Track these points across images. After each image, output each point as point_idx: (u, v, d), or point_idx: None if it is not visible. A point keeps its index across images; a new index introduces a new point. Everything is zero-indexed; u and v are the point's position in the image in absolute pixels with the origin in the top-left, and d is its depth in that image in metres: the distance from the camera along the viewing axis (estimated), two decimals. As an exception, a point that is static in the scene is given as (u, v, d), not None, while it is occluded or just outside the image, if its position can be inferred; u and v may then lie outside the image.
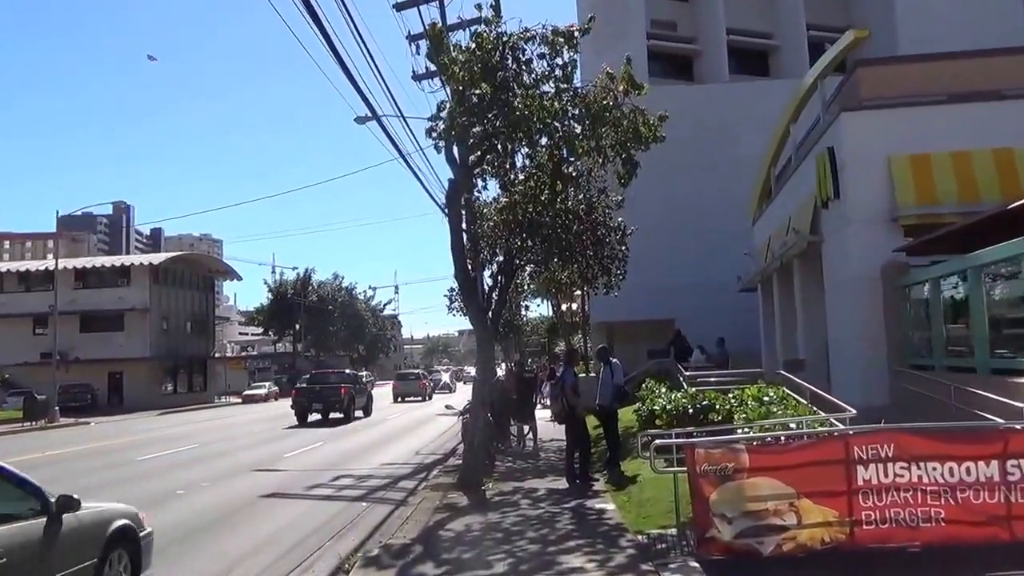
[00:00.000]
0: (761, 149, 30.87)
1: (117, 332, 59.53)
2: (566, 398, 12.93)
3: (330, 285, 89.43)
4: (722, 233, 34.91)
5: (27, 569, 6.02)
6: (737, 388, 13.56)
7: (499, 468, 15.88)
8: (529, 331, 65.56)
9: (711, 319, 31.53)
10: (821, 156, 15.98)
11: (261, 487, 15.10)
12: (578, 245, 20.05)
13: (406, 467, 17.97)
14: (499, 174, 15.67)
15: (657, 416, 13.54)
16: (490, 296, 21.01)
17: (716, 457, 7.67)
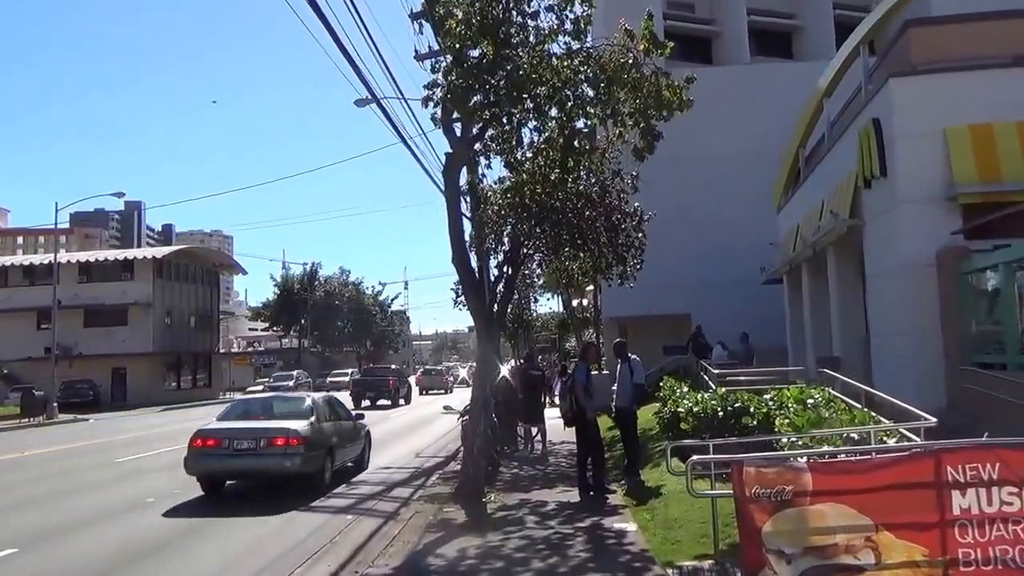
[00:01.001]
0: (785, 133, 29.32)
1: (120, 327, 58.34)
2: (576, 398, 11.35)
3: (337, 280, 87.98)
4: (743, 222, 33.20)
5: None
6: (773, 389, 11.90)
7: (503, 475, 14.33)
8: (539, 327, 63.97)
9: (730, 314, 29.85)
10: (865, 130, 14.33)
11: (237, 497, 13.58)
12: (591, 232, 18.45)
13: (403, 471, 16.41)
14: (503, 151, 14.07)
15: (682, 419, 11.94)
16: (495, 287, 19.48)
17: (771, 477, 6.08)
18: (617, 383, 12.14)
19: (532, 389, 17.53)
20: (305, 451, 13.01)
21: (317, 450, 13.50)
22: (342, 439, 14.87)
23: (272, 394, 24.30)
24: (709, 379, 15.72)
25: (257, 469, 13.23)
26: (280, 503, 12.22)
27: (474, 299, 12.27)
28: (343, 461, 15.07)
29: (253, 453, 13.01)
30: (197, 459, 13.27)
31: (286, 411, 14.48)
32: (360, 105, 24.03)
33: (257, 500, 12.88)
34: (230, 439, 13.29)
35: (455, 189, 12.48)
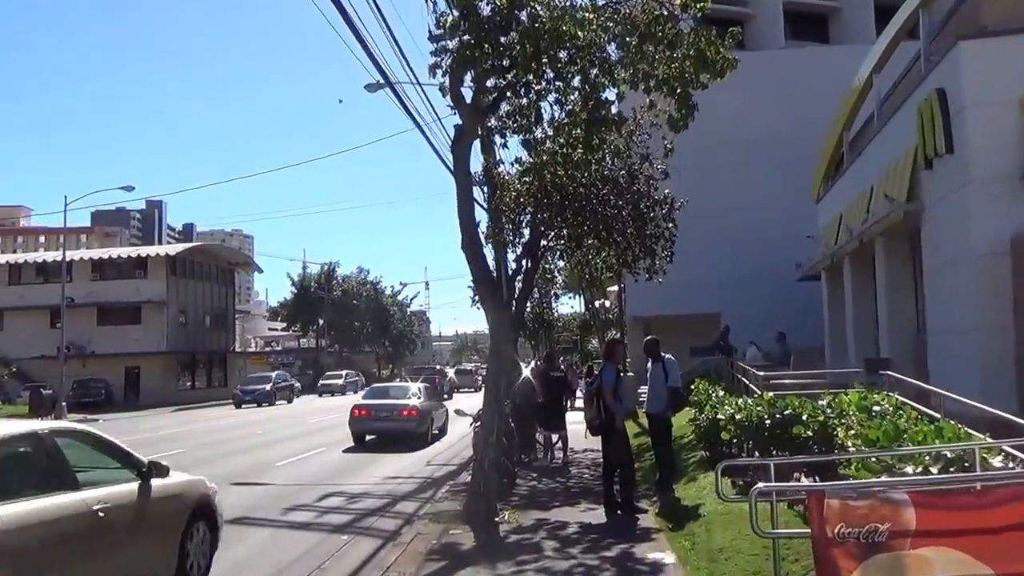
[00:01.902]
0: (821, 121, 27.67)
1: (134, 325, 57.42)
2: (604, 403, 9.85)
3: (355, 279, 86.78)
4: (776, 216, 31.65)
5: None
6: (828, 394, 10.32)
7: (520, 487, 12.87)
8: (560, 327, 62.44)
9: (762, 313, 28.29)
10: (927, 102, 12.76)
11: (228, 509, 12.19)
12: (616, 222, 16.96)
13: (411, 482, 14.99)
14: (521, 128, 12.63)
15: (723, 428, 10.42)
16: (512, 282, 18.03)
17: (861, 513, 4.61)
18: (648, 386, 10.66)
19: (553, 392, 15.99)
20: (419, 418, 21.47)
21: (425, 418, 21.76)
22: (436, 412, 23.16)
23: (393, 384, 32.98)
24: (749, 382, 14.17)
25: (392, 429, 21.26)
26: (401, 447, 19.86)
27: (487, 289, 10.79)
28: (436, 426, 22.81)
29: (389, 419, 21.43)
30: (355, 423, 21.59)
31: (404, 393, 23.20)
32: (371, 90, 22.79)
33: (387, 447, 20.10)
34: (375, 410, 21.92)
35: (465, 166, 11.03)
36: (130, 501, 6.78)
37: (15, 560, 5.26)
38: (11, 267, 60.27)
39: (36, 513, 5.57)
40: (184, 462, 18.49)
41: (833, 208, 21.28)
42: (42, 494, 5.77)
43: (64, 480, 6.10)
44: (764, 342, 23.38)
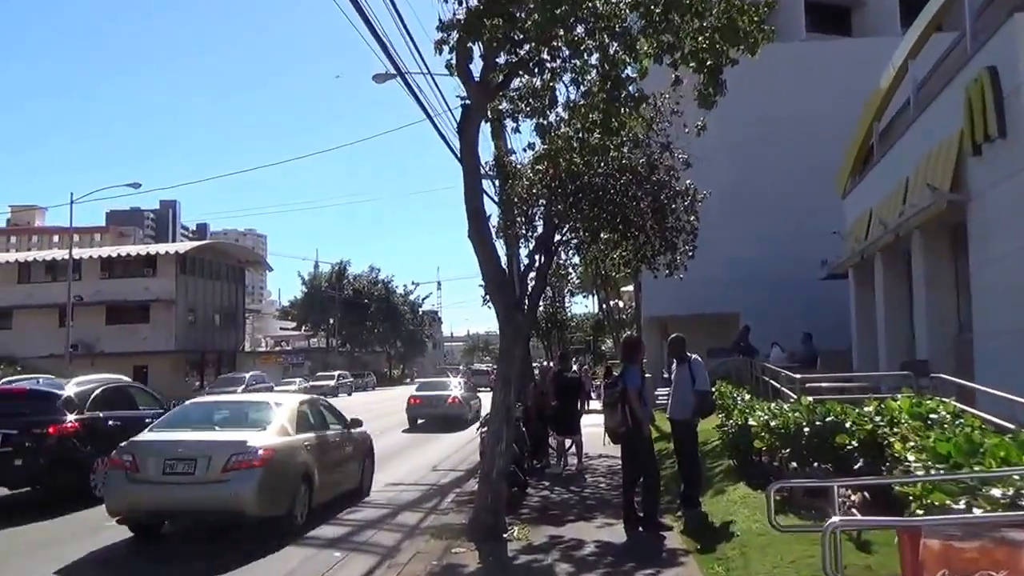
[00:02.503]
0: (843, 115, 26.57)
1: (142, 324, 56.88)
2: (630, 408, 8.86)
3: (366, 278, 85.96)
4: (798, 213, 30.63)
5: None
6: (872, 399, 9.30)
7: (531, 497, 11.90)
8: (574, 327, 61.39)
9: (782, 313, 27.33)
10: (977, 81, 11.72)
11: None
12: (635, 214, 15.98)
13: (415, 489, 14.05)
14: (534, 111, 11.68)
15: (755, 436, 9.42)
16: (524, 278, 17.09)
17: (969, 557, 3.62)
18: (672, 389, 9.67)
19: (567, 395, 15.01)
20: (461, 405, 27.73)
21: (465, 405, 28.01)
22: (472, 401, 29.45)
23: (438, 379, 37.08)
24: (780, 385, 13.14)
25: (440, 414, 26.90)
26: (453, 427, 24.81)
27: (496, 284, 9.82)
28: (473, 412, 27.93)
29: (439, 406, 27.35)
30: (411, 409, 27.56)
31: (448, 386, 30.01)
32: (379, 81, 21.92)
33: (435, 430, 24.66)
34: (426, 399, 28.02)
35: (473, 148, 10.10)
36: (344, 437, 12.47)
37: (313, 452, 10.79)
38: (20, 265, 59.82)
39: (317, 436, 11.26)
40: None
41: (862, 203, 20.24)
42: (317, 429, 11.50)
43: (323, 423, 12.03)
44: (787, 343, 22.38)
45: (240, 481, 9.29)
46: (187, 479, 9.41)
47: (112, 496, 9.88)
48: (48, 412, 12.50)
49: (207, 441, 9.81)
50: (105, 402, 13.51)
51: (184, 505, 9.57)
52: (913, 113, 15.98)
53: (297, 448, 10.39)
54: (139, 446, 9.90)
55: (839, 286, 24.82)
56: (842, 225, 22.96)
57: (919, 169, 14.60)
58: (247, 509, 9.37)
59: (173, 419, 11.16)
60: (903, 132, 16.77)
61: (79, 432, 12.46)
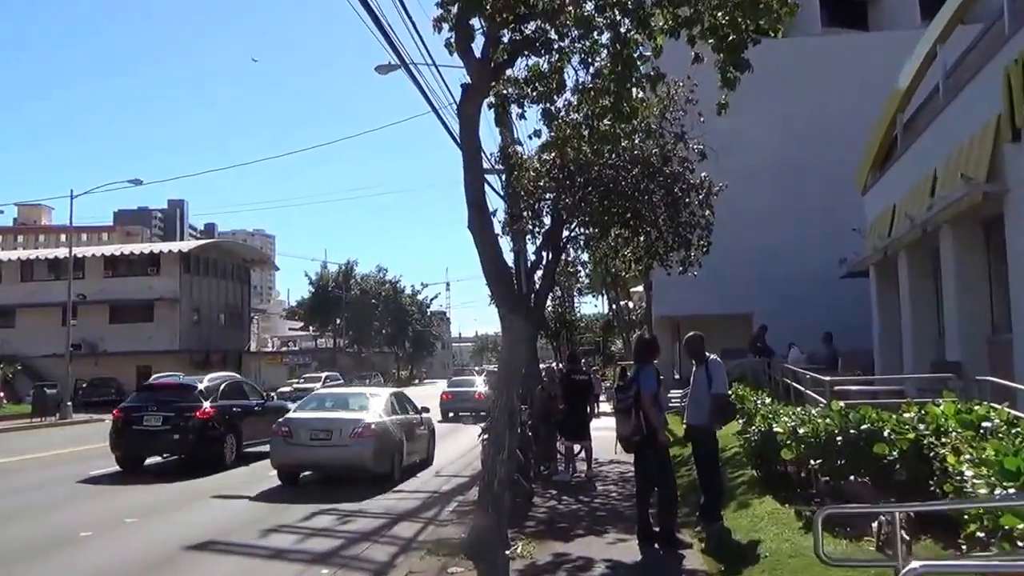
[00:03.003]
0: (860, 111, 25.79)
1: (146, 323, 56.35)
2: (644, 415, 8.06)
3: (373, 278, 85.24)
4: (812, 210, 29.86)
5: None
6: (913, 405, 8.42)
7: (538, 508, 11.11)
8: (583, 327, 60.58)
9: (797, 313, 26.47)
10: (1016, 63, 10.88)
11: (201, 528, 10.60)
12: (647, 208, 15.20)
13: (415, 497, 13.29)
14: (541, 96, 10.92)
15: (783, 444, 8.61)
16: (531, 275, 16.35)
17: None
18: (690, 392, 8.85)
19: (577, 398, 14.17)
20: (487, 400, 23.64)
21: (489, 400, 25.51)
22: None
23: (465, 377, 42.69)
24: (805, 387, 12.31)
25: (468, 407, 29.96)
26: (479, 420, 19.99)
27: (499, 279, 8.97)
28: None
29: (466, 400, 31.06)
30: (444, 404, 30.73)
31: (474, 383, 34.09)
32: (382, 72, 21.18)
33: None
34: (456, 395, 32.48)
35: (473, 131, 9.31)
36: (419, 420, 16.70)
37: (401, 429, 15.05)
38: (23, 264, 59.36)
39: (402, 418, 15.52)
40: (174, 466, 16.92)
41: (884, 198, 19.38)
42: (401, 413, 15.68)
43: (404, 409, 16.17)
44: (802, 343, 21.54)
45: (362, 445, 13.94)
46: (326, 443, 14.16)
47: (276, 455, 14.64)
48: (192, 400, 16.97)
49: (336, 418, 14.58)
50: (227, 393, 18.16)
51: (325, 461, 14.42)
52: (942, 101, 15.12)
53: (392, 425, 14.96)
54: (292, 421, 14.73)
55: (858, 285, 23.98)
56: (862, 222, 22.11)
57: (950, 159, 13.77)
58: (367, 465, 13.93)
59: (307, 404, 16.34)
60: (930, 122, 15.92)
61: (214, 416, 16.89)
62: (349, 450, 13.84)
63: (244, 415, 17.97)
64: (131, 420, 16.77)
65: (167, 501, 12.97)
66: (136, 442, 16.73)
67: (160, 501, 12.94)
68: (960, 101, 14.08)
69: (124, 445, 16.73)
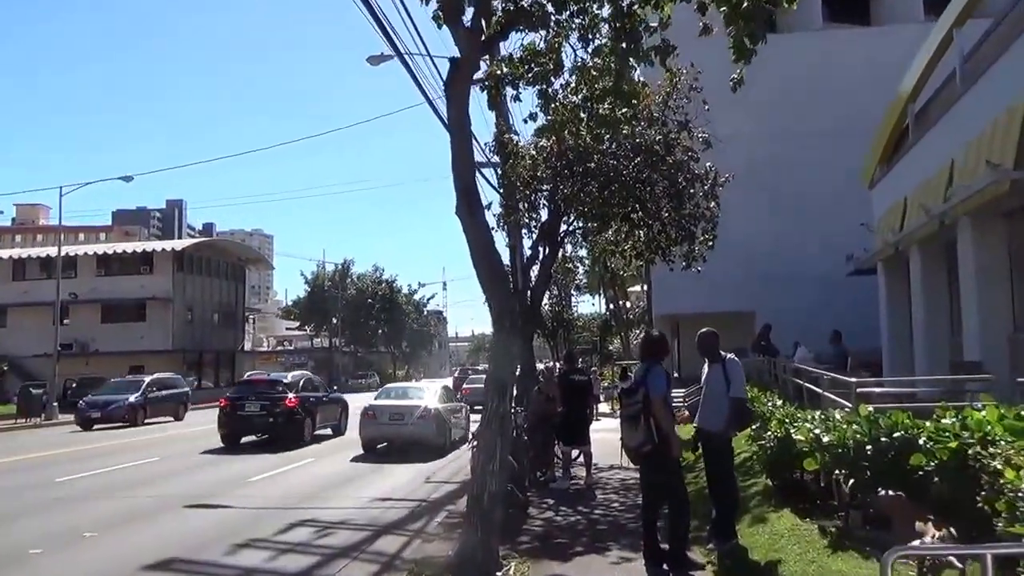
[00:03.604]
0: (863, 107, 25.22)
1: (138, 323, 55.53)
2: (656, 422, 7.27)
3: (370, 277, 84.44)
4: (816, 207, 29.23)
5: None
6: (949, 411, 7.59)
7: (533, 520, 10.31)
8: (580, 327, 59.83)
9: (800, 312, 25.84)
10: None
11: (165, 542, 9.79)
12: (649, 199, 14.41)
13: (401, 506, 12.45)
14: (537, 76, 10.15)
15: (806, 454, 7.80)
16: (527, 270, 15.56)
17: None
18: (703, 394, 8.04)
19: (575, 399, 13.30)
20: None
21: None
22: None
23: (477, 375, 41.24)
24: (823, 390, 11.48)
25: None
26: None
27: (487, 269, 8.13)
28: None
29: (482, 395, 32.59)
30: (464, 398, 27.74)
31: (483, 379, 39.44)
32: (373, 63, 20.44)
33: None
34: (473, 391, 30.37)
35: (462, 109, 8.48)
36: (459, 406, 22.52)
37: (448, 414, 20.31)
38: (15, 262, 58.46)
39: (448, 404, 20.86)
40: (152, 473, 16.27)
41: (894, 191, 18.60)
42: (448, 401, 21.20)
43: (451, 397, 22.20)
44: (806, 342, 20.74)
45: (425, 424, 18.99)
46: (399, 423, 19.16)
47: (364, 431, 19.50)
48: (281, 392, 22.01)
49: (406, 405, 19.74)
50: (305, 387, 23.34)
51: (398, 435, 19.24)
52: (960, 87, 14.33)
53: (443, 410, 19.86)
54: (375, 407, 19.82)
55: (862, 283, 23.30)
56: (870, 217, 21.35)
57: (970, 147, 12.98)
58: (431, 439, 18.83)
59: (383, 395, 21.51)
60: (946, 110, 15.13)
61: (298, 405, 21.96)
62: (416, 428, 18.82)
63: (316, 404, 23.47)
64: (235, 407, 21.72)
65: (274, 463, 17.60)
66: (239, 424, 21.62)
67: (269, 464, 17.49)
68: (981, 86, 13.29)
69: (229, 426, 21.55)
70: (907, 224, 16.57)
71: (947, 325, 16.41)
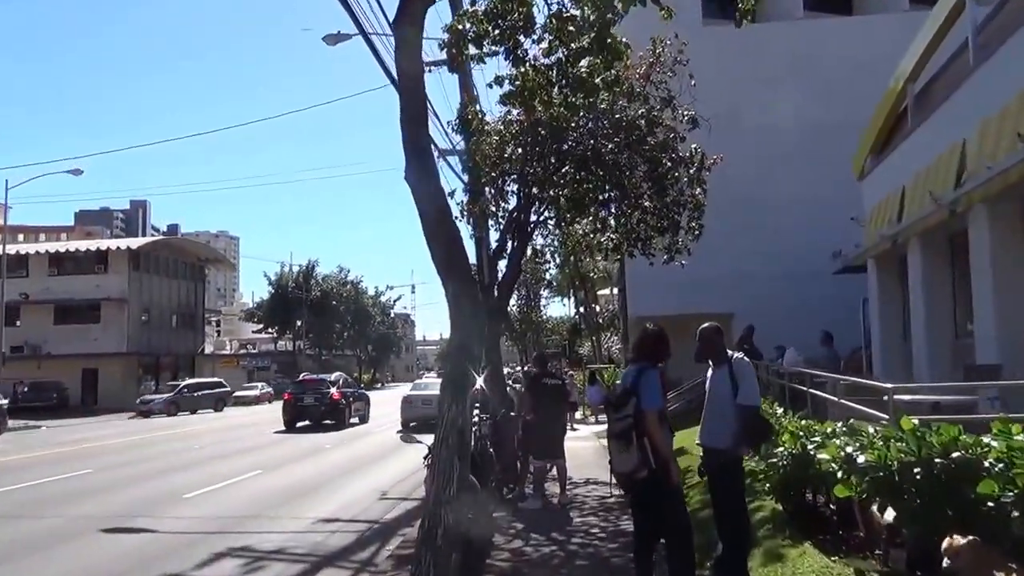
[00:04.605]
0: (848, 100, 24.12)
1: (92, 324, 53.40)
2: (651, 442, 5.72)
3: (334, 279, 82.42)
4: (796, 203, 27.99)
5: None
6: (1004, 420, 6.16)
7: (499, 552, 8.71)
8: (549, 329, 58.45)
9: (781, 313, 24.51)
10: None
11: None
12: (631, 183, 12.95)
13: (350, 529, 10.86)
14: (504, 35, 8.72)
15: (832, 476, 6.32)
16: (494, 264, 14.07)
17: None
18: (707, 405, 6.55)
19: (548, 406, 11.67)
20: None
21: None
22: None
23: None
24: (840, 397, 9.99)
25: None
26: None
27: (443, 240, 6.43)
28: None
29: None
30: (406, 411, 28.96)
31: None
32: (330, 43, 19.04)
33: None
34: (411, 402, 29.46)
35: (413, 57, 6.93)
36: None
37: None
38: (-39, 263, 55.97)
39: None
40: (80, 487, 14.70)
41: (889, 181, 17.33)
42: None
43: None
44: (794, 345, 19.43)
45: None
46: (430, 407, 20.88)
47: (404, 412, 27.22)
48: (327, 388, 30.81)
49: (433, 393, 19.90)
50: (343, 385, 32.30)
51: (428, 417, 22.08)
52: (974, 60, 13.02)
53: None
54: (412, 396, 27.80)
55: (846, 282, 22.13)
56: (859, 211, 20.07)
57: (991, 124, 11.65)
58: None
59: (415, 388, 30.67)
60: (956, 87, 13.82)
61: (341, 398, 30.42)
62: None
63: (351, 397, 32.31)
64: (296, 400, 30.21)
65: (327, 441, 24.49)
66: (298, 412, 29.91)
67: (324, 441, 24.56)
68: (1000, 57, 11.97)
69: (291, 413, 29.94)
70: (907, 214, 15.27)
71: (951, 325, 15.13)
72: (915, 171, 15.19)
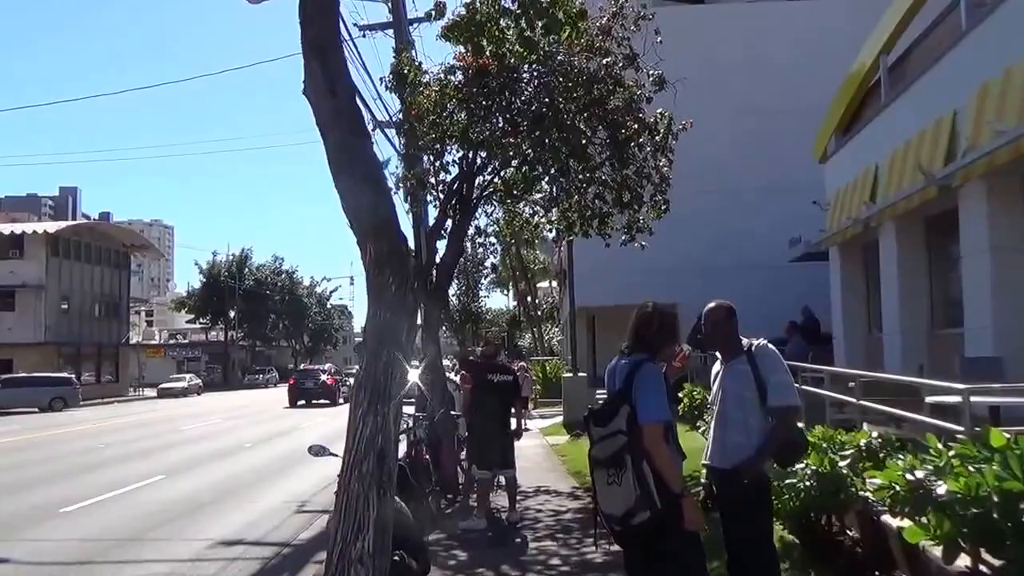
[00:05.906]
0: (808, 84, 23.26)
1: (6, 312, 50.34)
2: (652, 467, 3.93)
3: (269, 268, 79.69)
4: (750, 195, 27.28)
5: None
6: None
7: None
8: (488, 321, 57.09)
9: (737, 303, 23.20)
10: None
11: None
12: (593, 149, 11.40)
13: (253, 554, 9.02)
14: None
15: (901, 512, 4.70)
16: (432, 242, 12.42)
17: None
18: (718, 412, 4.96)
19: (495, 404, 9.56)
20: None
21: None
22: None
23: None
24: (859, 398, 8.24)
25: None
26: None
27: (361, 181, 4.58)
28: None
29: None
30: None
31: None
32: (253, 1, 17.03)
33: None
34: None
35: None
36: None
37: None
38: None
39: None
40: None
41: (857, 161, 16.14)
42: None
43: None
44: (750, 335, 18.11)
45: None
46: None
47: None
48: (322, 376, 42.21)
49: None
50: (335, 373, 45.11)
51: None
52: (967, 22, 11.73)
53: None
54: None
55: (800, 271, 21.17)
56: (821, 194, 18.86)
57: (988, 88, 10.36)
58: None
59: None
60: (941, 56, 12.55)
61: (334, 383, 41.22)
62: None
63: (341, 382, 41.65)
64: (300, 384, 40.47)
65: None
66: (302, 393, 39.64)
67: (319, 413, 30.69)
68: (1000, 16, 10.69)
69: (296, 394, 39.53)
70: (883, 196, 14.01)
71: (927, 314, 13.95)
72: (892, 149, 13.94)
